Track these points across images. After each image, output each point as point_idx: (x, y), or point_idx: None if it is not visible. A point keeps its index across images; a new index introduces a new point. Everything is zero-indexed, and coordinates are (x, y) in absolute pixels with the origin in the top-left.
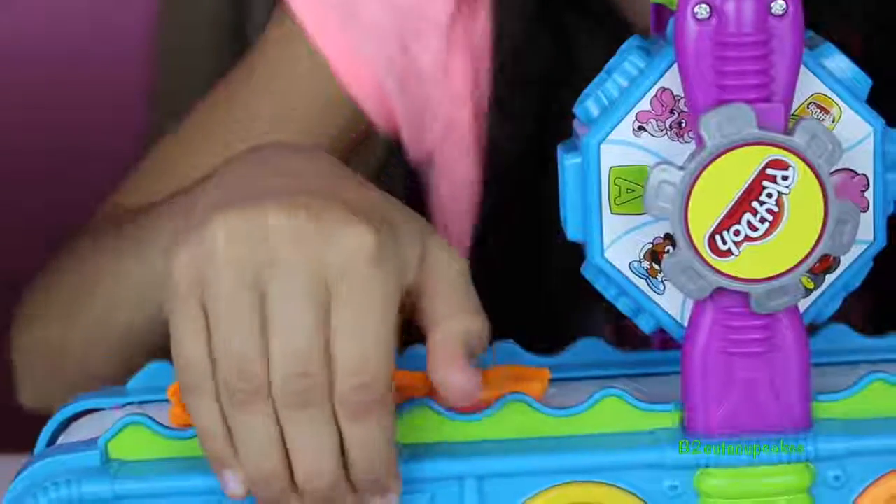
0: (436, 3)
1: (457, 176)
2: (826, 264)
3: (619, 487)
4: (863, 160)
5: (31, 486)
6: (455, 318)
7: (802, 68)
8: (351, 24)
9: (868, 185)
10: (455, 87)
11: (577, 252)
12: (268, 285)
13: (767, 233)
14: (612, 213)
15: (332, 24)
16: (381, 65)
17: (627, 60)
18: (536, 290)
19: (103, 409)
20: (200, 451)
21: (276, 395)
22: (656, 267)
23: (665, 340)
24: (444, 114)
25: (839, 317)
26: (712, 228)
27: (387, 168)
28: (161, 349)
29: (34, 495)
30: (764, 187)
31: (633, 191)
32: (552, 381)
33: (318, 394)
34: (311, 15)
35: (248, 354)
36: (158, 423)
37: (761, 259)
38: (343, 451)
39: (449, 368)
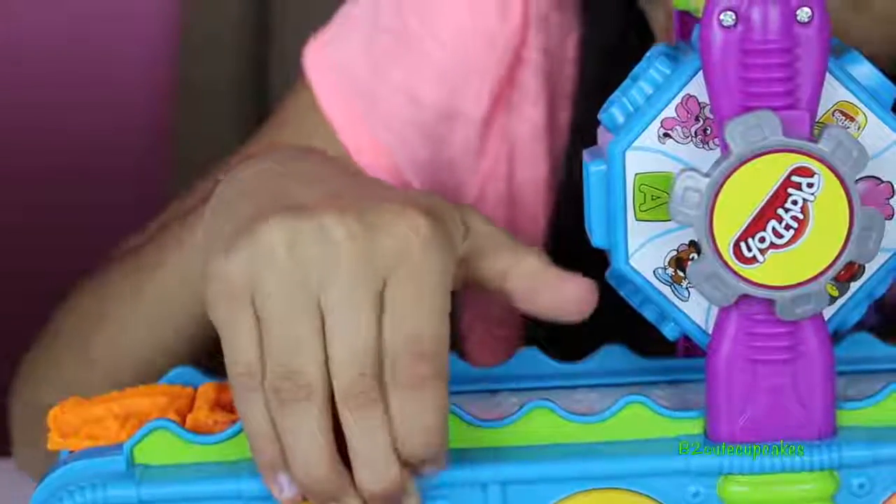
0: (469, 102)
1: None
2: (851, 272)
3: (642, 494)
4: (888, 168)
5: (57, 490)
6: (525, 258)
7: (828, 76)
8: (371, 114)
9: (893, 192)
10: (486, 168)
11: None
12: (324, 287)
13: (793, 240)
14: (636, 220)
15: (356, 112)
16: (401, 154)
17: (653, 67)
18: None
19: None
20: (225, 455)
21: (339, 398)
22: (681, 274)
23: (689, 348)
24: (474, 192)
25: None
26: (737, 235)
27: None
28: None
29: (60, 499)
30: (789, 194)
31: (659, 198)
32: (578, 387)
33: (375, 392)
34: (325, 89)
35: (298, 353)
36: (184, 429)
37: (786, 266)
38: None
39: (558, 284)
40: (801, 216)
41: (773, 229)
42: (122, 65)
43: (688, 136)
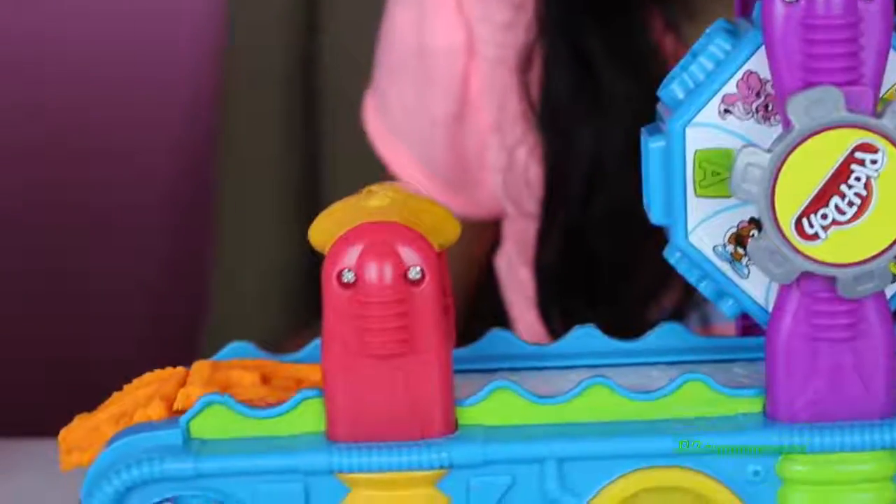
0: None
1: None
2: None
3: (701, 472)
4: None
5: (114, 464)
6: None
7: (891, 52)
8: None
9: None
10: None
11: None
12: None
13: (855, 217)
14: (696, 197)
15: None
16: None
17: (713, 43)
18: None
19: None
20: (282, 430)
21: None
22: (741, 251)
23: (747, 326)
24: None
25: None
26: (799, 212)
27: None
28: None
29: (117, 472)
30: (852, 171)
31: (719, 174)
32: (635, 364)
33: None
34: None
35: None
36: (240, 403)
37: (849, 243)
38: None
39: None
40: (864, 193)
41: (836, 206)
42: (166, 63)
43: (749, 113)
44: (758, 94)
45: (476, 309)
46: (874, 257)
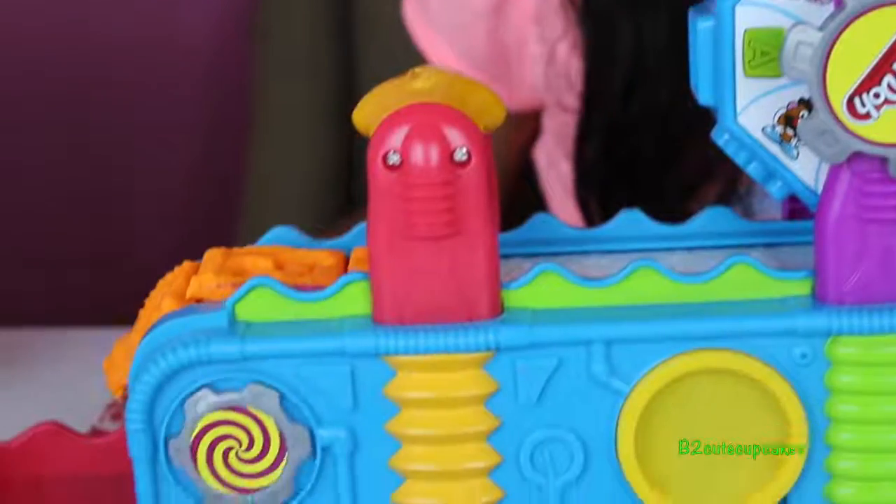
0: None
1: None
2: None
3: (748, 355)
4: None
5: (160, 346)
6: None
7: None
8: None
9: None
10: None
11: None
12: None
13: None
14: (745, 77)
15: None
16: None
17: None
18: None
19: None
20: (328, 312)
21: None
22: (790, 132)
23: (794, 210)
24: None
25: None
26: (851, 91)
27: None
28: None
29: (164, 354)
30: None
31: (768, 54)
32: (680, 248)
33: None
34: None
35: None
36: (286, 286)
37: None
38: None
39: None
40: None
41: (889, 85)
42: (194, 29)
43: None
44: None
45: (516, 198)
46: None
